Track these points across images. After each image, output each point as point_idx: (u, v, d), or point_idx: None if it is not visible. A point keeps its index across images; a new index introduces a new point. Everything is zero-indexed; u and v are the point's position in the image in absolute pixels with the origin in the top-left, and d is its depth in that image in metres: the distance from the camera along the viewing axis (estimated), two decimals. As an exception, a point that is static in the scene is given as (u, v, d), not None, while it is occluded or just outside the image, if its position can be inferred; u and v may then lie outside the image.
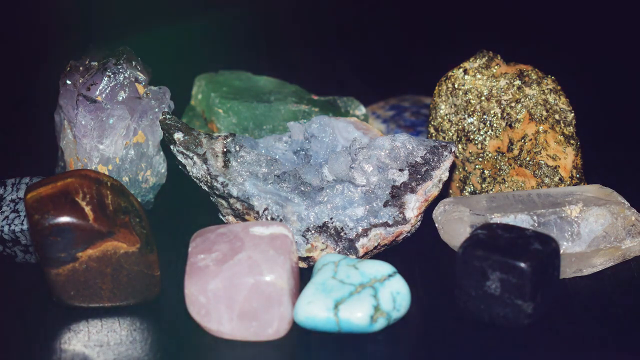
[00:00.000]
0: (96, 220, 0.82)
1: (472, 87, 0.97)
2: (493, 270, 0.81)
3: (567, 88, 0.97)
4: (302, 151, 0.93)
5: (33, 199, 0.82)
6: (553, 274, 0.83)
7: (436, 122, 0.98)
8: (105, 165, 0.94)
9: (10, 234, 0.90)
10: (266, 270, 0.80)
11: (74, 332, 0.83)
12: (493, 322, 0.82)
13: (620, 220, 0.89)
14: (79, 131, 0.93)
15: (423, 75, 1.18)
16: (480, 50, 0.99)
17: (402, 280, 0.82)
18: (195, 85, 1.09)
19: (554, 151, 0.94)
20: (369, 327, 0.81)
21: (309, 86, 1.10)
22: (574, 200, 0.89)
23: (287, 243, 0.83)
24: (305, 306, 0.81)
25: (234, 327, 0.81)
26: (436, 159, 0.89)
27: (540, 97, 0.96)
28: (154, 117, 0.95)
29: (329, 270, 0.83)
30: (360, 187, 0.89)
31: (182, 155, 0.90)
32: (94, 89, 0.93)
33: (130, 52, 0.95)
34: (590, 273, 0.89)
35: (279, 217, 0.88)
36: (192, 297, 0.81)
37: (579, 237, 0.88)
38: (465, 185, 0.98)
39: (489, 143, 0.97)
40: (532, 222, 0.88)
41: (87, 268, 0.83)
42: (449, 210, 0.90)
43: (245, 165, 0.90)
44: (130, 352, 0.80)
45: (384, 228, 0.88)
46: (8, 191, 0.92)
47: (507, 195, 0.91)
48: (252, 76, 1.10)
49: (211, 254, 0.82)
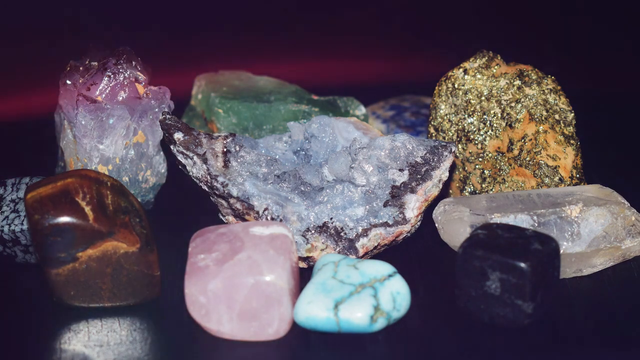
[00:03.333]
0: (96, 220, 0.82)
1: (472, 87, 0.97)
2: (493, 270, 0.81)
3: (567, 88, 0.97)
4: (302, 151, 0.93)
5: (33, 199, 0.82)
6: (553, 274, 0.83)
7: (436, 122, 0.98)
8: (105, 165, 0.94)
9: (10, 234, 0.89)
10: (266, 270, 0.80)
11: (74, 332, 0.82)
12: (493, 322, 0.82)
13: (620, 220, 0.89)
14: (79, 131, 0.93)
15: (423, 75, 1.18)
16: (480, 50, 0.99)
17: (402, 280, 0.82)
18: (195, 85, 1.09)
19: (554, 151, 0.94)
20: (369, 327, 0.81)
21: (309, 86, 1.10)
22: (574, 200, 0.89)
23: (287, 243, 0.83)
24: (305, 306, 0.81)
25: (234, 327, 0.81)
26: (436, 159, 0.89)
27: (540, 97, 0.96)
28: (154, 117, 0.95)
29: (329, 270, 0.83)
30: (360, 187, 0.89)
31: (182, 155, 0.90)
32: (94, 89, 0.93)
33: (130, 52, 0.95)
34: (590, 273, 0.89)
35: (279, 217, 0.88)
36: (192, 297, 0.81)
37: (579, 237, 0.88)
38: (465, 185, 0.98)
39: (489, 143, 0.97)
40: (532, 222, 0.88)
41: (87, 268, 0.83)
42: (449, 210, 0.90)
43: (245, 165, 0.90)
44: (130, 352, 0.80)
45: (384, 228, 0.88)
46: (8, 191, 0.92)
47: (507, 195, 0.91)
48: (252, 76, 1.10)
49: (211, 254, 0.82)
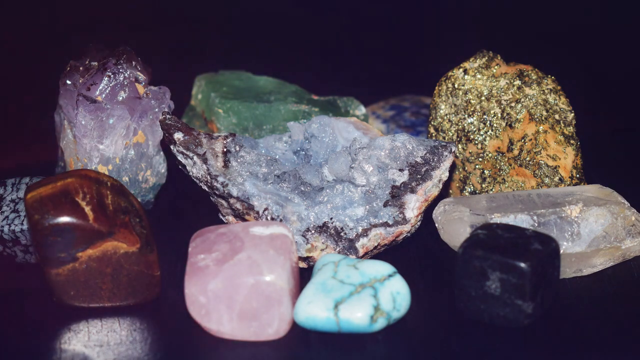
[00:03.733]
0: (96, 220, 0.82)
1: (472, 87, 0.97)
2: (493, 270, 0.81)
3: (567, 88, 0.97)
4: (302, 151, 0.92)
5: (33, 199, 0.82)
6: (553, 274, 0.83)
7: (436, 122, 0.98)
8: (105, 165, 0.94)
9: (10, 234, 0.89)
10: (266, 270, 0.80)
11: (74, 332, 0.82)
12: (493, 322, 0.82)
13: (620, 220, 0.89)
14: (79, 131, 0.93)
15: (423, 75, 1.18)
16: (480, 50, 0.99)
17: (402, 280, 0.82)
18: (195, 85, 1.09)
19: (554, 151, 0.94)
20: (369, 327, 0.80)
21: (309, 86, 1.10)
22: (574, 200, 0.89)
23: (287, 243, 0.83)
24: (305, 306, 0.81)
25: (234, 327, 0.81)
26: (436, 159, 0.89)
27: (540, 97, 0.96)
28: (154, 117, 0.95)
29: (329, 270, 0.83)
30: (360, 187, 0.89)
31: (182, 155, 0.90)
32: (94, 89, 0.93)
33: (130, 52, 0.95)
34: (590, 273, 0.89)
35: (279, 217, 0.88)
36: (192, 297, 0.81)
37: (579, 237, 0.88)
38: (465, 185, 0.98)
39: (489, 143, 0.97)
40: (532, 222, 0.88)
41: (87, 268, 0.83)
42: (449, 210, 0.90)
43: (245, 165, 0.90)
44: (130, 352, 0.80)
45: (384, 228, 0.88)
46: (8, 191, 0.92)
47: (507, 195, 0.91)
48: (252, 76, 1.10)
49: (211, 254, 0.82)
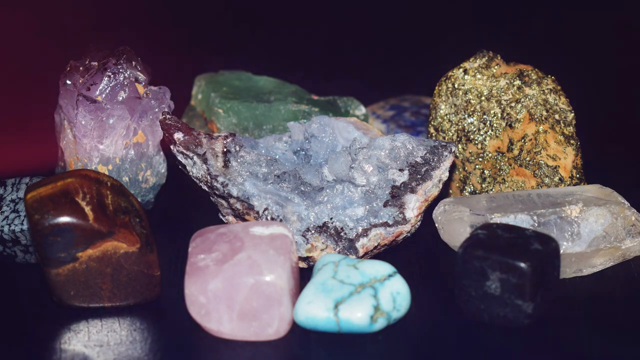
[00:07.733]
0: (96, 220, 0.82)
1: (472, 87, 0.97)
2: (493, 270, 0.81)
3: (567, 88, 0.97)
4: (302, 151, 0.93)
5: (33, 199, 0.82)
6: (553, 274, 0.83)
7: (436, 122, 0.98)
8: (105, 165, 0.94)
9: (10, 234, 0.89)
10: (266, 270, 0.80)
11: (74, 332, 0.82)
12: (493, 322, 0.82)
13: (620, 220, 0.89)
14: (79, 131, 0.93)
15: (423, 75, 1.18)
16: (480, 50, 0.99)
17: (402, 280, 0.82)
18: (195, 85, 1.09)
19: (554, 151, 0.94)
20: (369, 327, 0.80)
21: (309, 86, 1.10)
22: (574, 200, 0.89)
23: (287, 243, 0.83)
24: (305, 306, 0.81)
25: (234, 327, 0.81)
26: (436, 159, 0.89)
27: (540, 97, 0.96)
28: (154, 117, 0.95)
29: (329, 270, 0.83)
30: (360, 187, 0.89)
31: (182, 155, 0.90)
32: (94, 89, 0.93)
33: (130, 52, 0.95)
34: (590, 273, 0.89)
35: (279, 217, 0.88)
36: (192, 297, 0.81)
37: (579, 237, 0.88)
38: (465, 185, 0.98)
39: (489, 143, 0.97)
40: (532, 222, 0.88)
41: (87, 268, 0.83)
42: (449, 210, 0.90)
43: (245, 165, 0.90)
44: (130, 352, 0.80)
45: (384, 228, 0.88)
46: (8, 191, 0.92)
47: (507, 195, 0.91)
48: (252, 76, 1.10)
49: (211, 254, 0.82)
